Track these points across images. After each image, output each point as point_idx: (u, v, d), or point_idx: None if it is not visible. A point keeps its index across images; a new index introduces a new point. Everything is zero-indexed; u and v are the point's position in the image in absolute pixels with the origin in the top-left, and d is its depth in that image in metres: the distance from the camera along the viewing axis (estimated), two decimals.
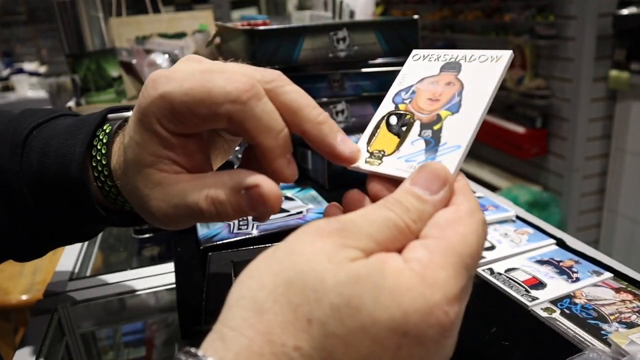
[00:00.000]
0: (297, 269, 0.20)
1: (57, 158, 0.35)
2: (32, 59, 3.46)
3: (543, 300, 0.44)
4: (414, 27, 0.69)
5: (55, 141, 0.36)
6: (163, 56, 0.98)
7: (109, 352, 0.67)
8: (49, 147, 0.36)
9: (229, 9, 2.98)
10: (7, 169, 0.36)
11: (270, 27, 0.64)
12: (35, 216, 0.37)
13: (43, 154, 0.36)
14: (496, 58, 0.29)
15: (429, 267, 0.21)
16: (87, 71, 0.90)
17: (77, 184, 0.35)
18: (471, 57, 0.30)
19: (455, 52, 0.31)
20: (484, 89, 0.27)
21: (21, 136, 0.37)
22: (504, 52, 0.29)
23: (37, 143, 0.37)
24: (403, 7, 3.38)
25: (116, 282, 0.58)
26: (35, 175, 0.36)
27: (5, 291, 1.24)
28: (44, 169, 0.36)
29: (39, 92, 2.79)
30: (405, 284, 0.20)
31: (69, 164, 0.35)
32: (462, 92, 0.28)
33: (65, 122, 0.37)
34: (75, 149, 0.35)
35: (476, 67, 0.29)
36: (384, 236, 0.22)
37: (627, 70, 1.98)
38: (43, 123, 0.38)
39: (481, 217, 0.24)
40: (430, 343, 0.20)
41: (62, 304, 0.54)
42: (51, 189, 0.36)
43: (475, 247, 0.22)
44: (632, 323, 0.40)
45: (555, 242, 0.55)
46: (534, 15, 2.24)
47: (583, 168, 2.20)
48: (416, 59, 0.32)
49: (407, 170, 0.27)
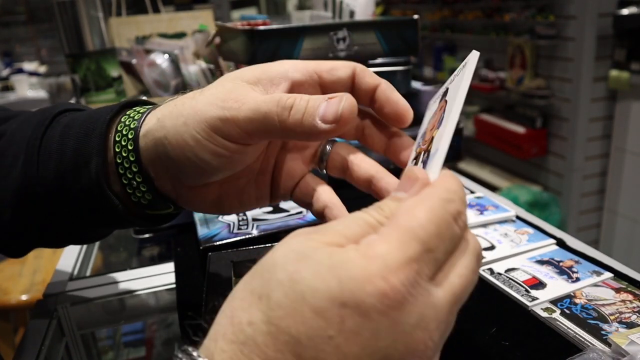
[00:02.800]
0: (261, 261, 0.22)
1: (80, 130, 0.35)
2: (32, 59, 3.46)
3: (543, 300, 0.44)
4: (414, 27, 0.69)
5: (81, 118, 0.36)
6: (163, 56, 0.98)
7: (109, 352, 0.67)
8: (74, 122, 0.36)
9: (228, 9, 2.98)
10: (26, 140, 0.36)
11: (270, 27, 0.64)
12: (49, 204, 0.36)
13: (67, 126, 0.36)
14: (465, 64, 0.30)
15: (372, 244, 0.21)
16: (87, 71, 0.90)
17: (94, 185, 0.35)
18: (454, 74, 0.31)
19: (449, 79, 0.32)
20: (459, 96, 0.28)
21: (50, 114, 0.38)
22: (471, 55, 0.30)
23: (64, 120, 0.37)
24: (403, 7, 3.38)
25: (116, 282, 0.58)
26: (55, 147, 0.36)
27: (5, 291, 1.24)
28: (64, 141, 0.36)
29: (39, 92, 2.79)
30: (345, 259, 0.20)
31: (90, 135, 0.35)
32: (446, 108, 0.29)
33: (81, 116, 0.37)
34: (98, 124, 0.35)
35: (456, 82, 0.30)
36: (353, 231, 0.22)
37: (627, 70, 1.98)
38: (76, 110, 0.39)
39: (439, 195, 0.22)
40: (376, 314, 0.19)
41: (62, 304, 0.54)
42: (68, 164, 0.35)
43: (424, 218, 0.21)
44: (632, 323, 0.40)
45: (555, 242, 0.55)
46: (534, 15, 2.24)
47: (583, 168, 2.20)
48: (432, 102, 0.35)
49: None
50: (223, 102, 0.31)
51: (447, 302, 0.21)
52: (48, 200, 0.36)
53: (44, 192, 0.36)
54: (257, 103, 0.30)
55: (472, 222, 0.59)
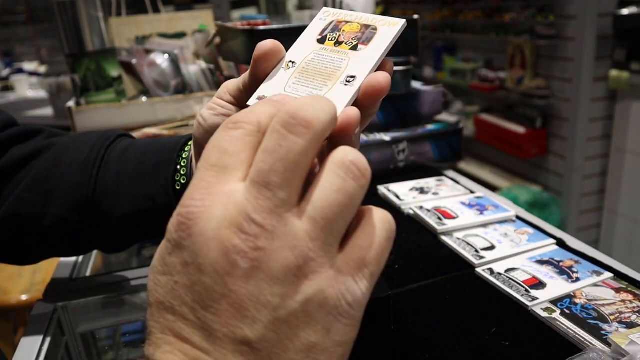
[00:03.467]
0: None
1: (149, 146, 0.43)
2: (32, 59, 3.46)
3: (543, 300, 0.44)
4: (414, 27, 0.69)
5: (148, 141, 0.44)
6: (163, 56, 0.98)
7: (108, 352, 0.67)
8: (141, 141, 0.44)
9: (228, 9, 2.98)
10: (90, 146, 0.42)
11: (270, 27, 0.64)
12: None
13: (131, 145, 0.44)
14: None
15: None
16: (87, 71, 0.90)
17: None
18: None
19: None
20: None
21: (114, 133, 0.45)
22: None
23: (128, 139, 0.45)
24: (403, 7, 3.37)
25: (116, 282, 0.58)
26: (117, 158, 0.42)
27: (5, 291, 1.24)
28: (127, 155, 0.43)
29: (39, 92, 2.79)
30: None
31: (162, 147, 0.42)
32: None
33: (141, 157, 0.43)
34: (170, 139, 0.42)
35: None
36: (237, 149, 0.21)
37: (628, 70, 1.97)
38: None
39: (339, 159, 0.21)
40: (210, 269, 0.19)
41: (62, 304, 0.54)
42: (131, 173, 0.42)
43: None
44: (632, 323, 0.40)
45: (555, 242, 0.55)
46: (534, 15, 2.24)
47: (583, 168, 2.20)
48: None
49: None
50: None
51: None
52: (101, 202, 0.41)
53: (99, 194, 0.41)
54: (238, 79, 0.35)
55: (472, 222, 0.59)
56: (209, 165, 0.21)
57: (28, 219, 0.41)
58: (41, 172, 0.42)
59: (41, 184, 0.41)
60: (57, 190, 0.41)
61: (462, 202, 0.65)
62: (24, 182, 0.42)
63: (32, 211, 0.41)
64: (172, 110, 0.90)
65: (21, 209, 0.41)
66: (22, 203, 0.41)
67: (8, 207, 0.41)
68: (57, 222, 0.41)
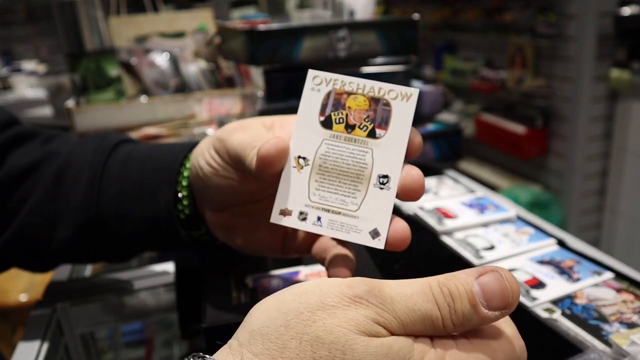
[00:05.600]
0: (326, 328, 0.21)
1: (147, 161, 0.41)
2: (31, 58, 3.46)
3: (544, 301, 0.44)
4: (414, 26, 0.69)
5: (145, 149, 0.43)
6: (162, 55, 0.98)
7: (108, 352, 0.67)
8: (136, 152, 0.43)
9: (228, 8, 2.97)
10: (89, 163, 0.42)
11: (270, 26, 0.64)
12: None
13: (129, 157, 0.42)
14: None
15: (451, 355, 0.22)
16: (86, 70, 0.89)
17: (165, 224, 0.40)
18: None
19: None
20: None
21: (111, 142, 0.43)
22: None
23: (125, 149, 0.43)
24: (403, 6, 3.37)
25: (116, 282, 0.58)
26: (116, 175, 0.41)
27: (4, 291, 1.23)
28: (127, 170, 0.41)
29: (38, 91, 2.79)
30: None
31: (160, 168, 0.40)
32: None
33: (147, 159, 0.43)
34: (168, 156, 0.41)
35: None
36: (415, 328, 0.22)
37: (629, 70, 1.97)
38: (129, 141, 0.45)
39: (520, 345, 0.24)
40: None
41: (62, 304, 0.54)
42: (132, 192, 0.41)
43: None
44: (633, 323, 0.40)
45: (556, 242, 0.55)
46: (535, 15, 2.23)
47: (584, 168, 2.19)
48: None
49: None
50: (231, 127, 0.35)
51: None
52: (104, 222, 0.41)
53: (100, 214, 0.40)
54: (244, 138, 0.33)
55: (472, 222, 0.59)
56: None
57: (35, 241, 0.42)
58: (45, 194, 0.41)
59: (46, 207, 0.41)
60: (62, 214, 0.41)
61: (463, 202, 0.65)
62: (28, 204, 0.41)
63: (39, 235, 0.41)
64: (172, 110, 0.90)
65: (27, 233, 0.41)
66: (28, 227, 0.41)
67: (14, 230, 0.41)
68: (64, 244, 0.41)
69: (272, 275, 0.43)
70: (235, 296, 0.40)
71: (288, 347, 0.21)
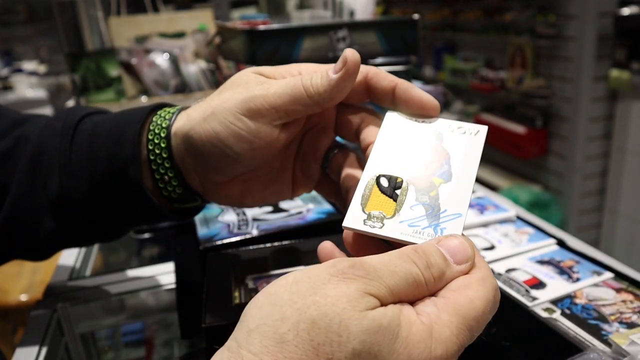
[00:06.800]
0: (321, 310, 0.22)
1: (110, 137, 0.38)
2: (31, 59, 3.46)
3: (543, 301, 0.44)
4: (414, 26, 0.69)
5: (107, 123, 0.39)
6: (162, 56, 0.98)
7: (108, 352, 0.67)
8: (100, 128, 0.39)
9: (228, 8, 2.97)
10: (57, 149, 0.39)
11: (270, 26, 0.64)
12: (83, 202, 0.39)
13: (94, 134, 0.39)
14: (475, 132, 0.32)
15: (437, 323, 0.23)
16: (87, 71, 0.89)
17: (129, 160, 0.37)
18: (449, 126, 0.32)
19: (434, 120, 0.33)
20: (471, 160, 0.30)
21: (73, 120, 0.40)
22: (481, 127, 0.32)
23: (88, 126, 0.40)
24: (403, 6, 3.38)
25: (116, 282, 0.58)
26: (85, 156, 0.39)
27: (4, 291, 1.24)
28: (95, 148, 0.38)
29: (38, 91, 2.79)
30: (416, 336, 0.22)
31: (122, 142, 0.37)
32: (449, 161, 0.31)
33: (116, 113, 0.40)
34: (128, 128, 0.38)
35: (457, 138, 0.32)
36: (401, 289, 0.24)
37: (628, 70, 1.97)
38: (95, 113, 0.41)
39: (492, 284, 0.26)
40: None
41: (62, 304, 0.54)
42: (102, 172, 0.38)
43: (481, 312, 0.24)
44: (633, 323, 0.40)
45: (555, 242, 0.55)
46: (535, 15, 2.24)
47: (583, 168, 2.20)
48: (393, 119, 0.34)
49: (412, 235, 0.28)
50: (252, 86, 0.34)
51: None
52: (85, 207, 0.39)
53: (81, 200, 0.39)
54: (284, 82, 0.34)
55: (472, 222, 0.59)
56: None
57: (23, 235, 0.41)
58: (23, 187, 0.40)
59: (27, 201, 0.40)
60: (43, 207, 0.40)
61: None
62: (7, 200, 0.40)
63: (25, 230, 0.41)
64: None
65: (13, 228, 0.40)
66: (12, 223, 0.40)
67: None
68: (52, 234, 0.41)
69: (272, 275, 0.43)
70: (236, 296, 0.40)
71: (286, 340, 0.21)
